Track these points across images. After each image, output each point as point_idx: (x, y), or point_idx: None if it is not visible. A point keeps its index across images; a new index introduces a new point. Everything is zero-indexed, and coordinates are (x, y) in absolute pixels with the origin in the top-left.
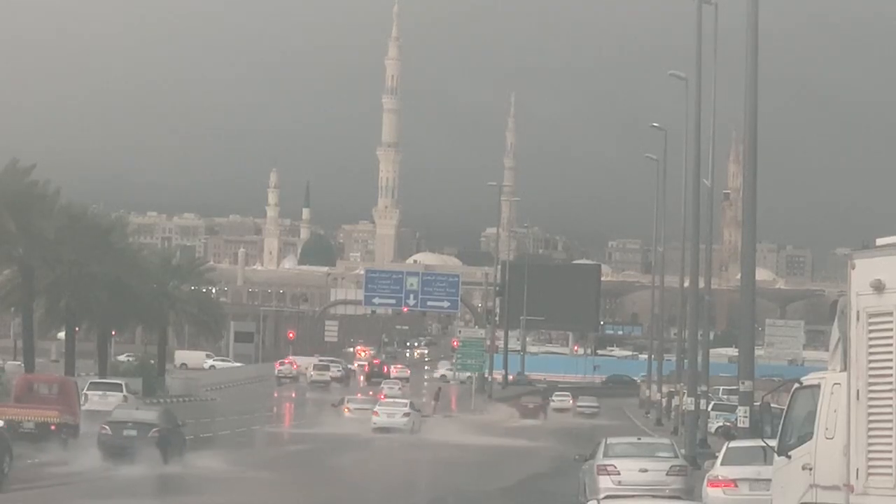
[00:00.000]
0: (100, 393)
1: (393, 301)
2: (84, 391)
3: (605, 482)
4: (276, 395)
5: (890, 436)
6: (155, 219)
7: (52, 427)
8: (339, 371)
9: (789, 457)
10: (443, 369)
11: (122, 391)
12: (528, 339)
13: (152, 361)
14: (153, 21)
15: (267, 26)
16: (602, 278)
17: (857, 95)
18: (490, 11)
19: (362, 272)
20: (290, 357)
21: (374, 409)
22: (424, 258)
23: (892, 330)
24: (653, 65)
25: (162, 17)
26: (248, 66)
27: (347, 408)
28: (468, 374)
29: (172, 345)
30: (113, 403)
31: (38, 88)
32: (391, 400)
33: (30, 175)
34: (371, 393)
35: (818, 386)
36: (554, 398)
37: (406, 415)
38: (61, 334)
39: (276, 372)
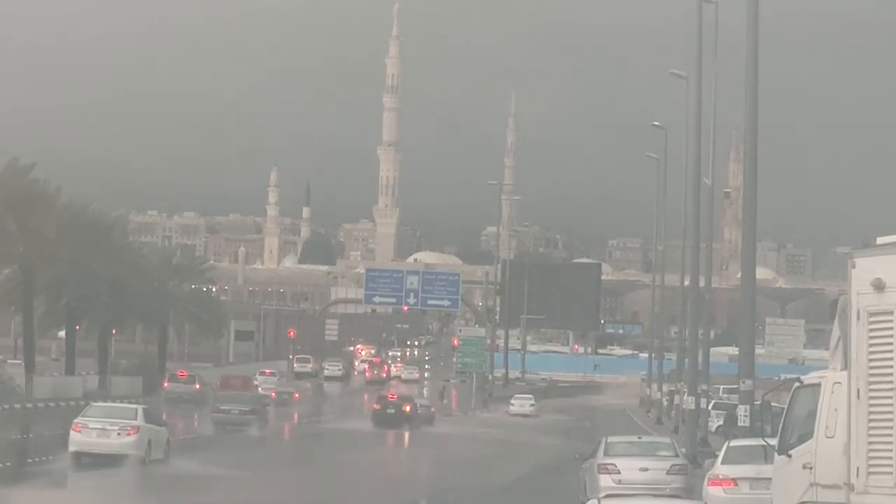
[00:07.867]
0: (262, 378)
1: (393, 300)
2: (256, 375)
3: (605, 481)
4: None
5: (890, 434)
6: (155, 217)
7: None
8: (338, 370)
9: (790, 456)
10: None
11: (276, 378)
12: (528, 337)
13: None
14: (153, 22)
15: (266, 26)
16: (602, 277)
17: (859, 95)
18: (490, 11)
19: (363, 271)
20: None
21: (511, 401)
22: (425, 257)
23: (892, 329)
24: (653, 63)
25: (162, 18)
26: (248, 66)
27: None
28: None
29: (173, 344)
30: (273, 385)
31: (39, 88)
32: (522, 395)
33: (30, 174)
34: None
35: (819, 385)
36: None
37: (532, 405)
38: (62, 333)
39: (294, 368)
